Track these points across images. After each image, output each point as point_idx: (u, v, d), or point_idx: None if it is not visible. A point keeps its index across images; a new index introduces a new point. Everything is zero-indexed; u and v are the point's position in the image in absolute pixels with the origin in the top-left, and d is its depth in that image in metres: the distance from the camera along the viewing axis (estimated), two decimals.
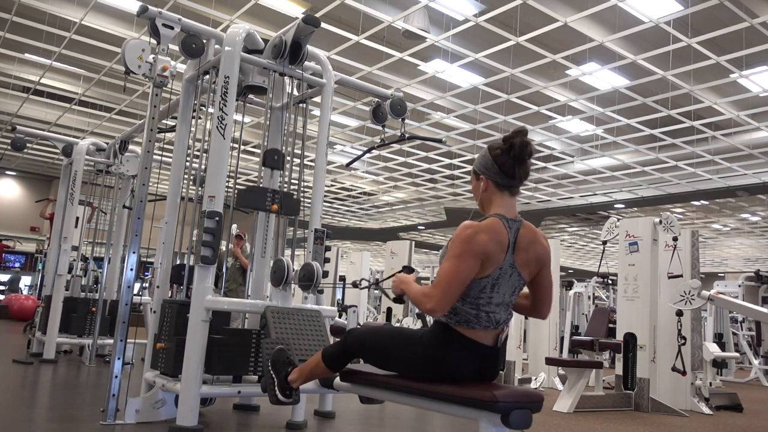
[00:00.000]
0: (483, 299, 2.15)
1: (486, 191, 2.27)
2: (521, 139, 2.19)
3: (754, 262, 26.93)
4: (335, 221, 23.51)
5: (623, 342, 5.93)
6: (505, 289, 2.19)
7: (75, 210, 6.61)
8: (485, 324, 2.16)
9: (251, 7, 7.74)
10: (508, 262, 2.16)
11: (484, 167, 2.26)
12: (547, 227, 21.37)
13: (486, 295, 2.15)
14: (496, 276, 2.15)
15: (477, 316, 2.15)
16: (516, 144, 2.18)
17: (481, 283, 2.14)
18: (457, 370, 2.17)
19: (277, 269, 3.50)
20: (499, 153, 2.22)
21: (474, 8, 7.74)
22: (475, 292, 2.15)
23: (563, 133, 12.14)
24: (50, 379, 5.06)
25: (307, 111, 4.30)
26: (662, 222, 6.02)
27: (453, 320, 2.18)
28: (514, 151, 2.19)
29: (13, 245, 17.08)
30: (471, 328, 2.16)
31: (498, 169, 2.22)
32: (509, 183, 2.24)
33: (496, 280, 2.15)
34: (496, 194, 2.25)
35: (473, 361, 2.18)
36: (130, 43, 3.72)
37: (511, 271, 2.17)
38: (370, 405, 4.19)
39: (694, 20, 7.56)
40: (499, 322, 2.19)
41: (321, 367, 2.48)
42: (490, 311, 2.16)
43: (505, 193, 2.25)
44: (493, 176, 2.24)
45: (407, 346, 2.26)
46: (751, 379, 10.13)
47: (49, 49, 9.46)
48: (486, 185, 2.27)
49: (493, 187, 2.25)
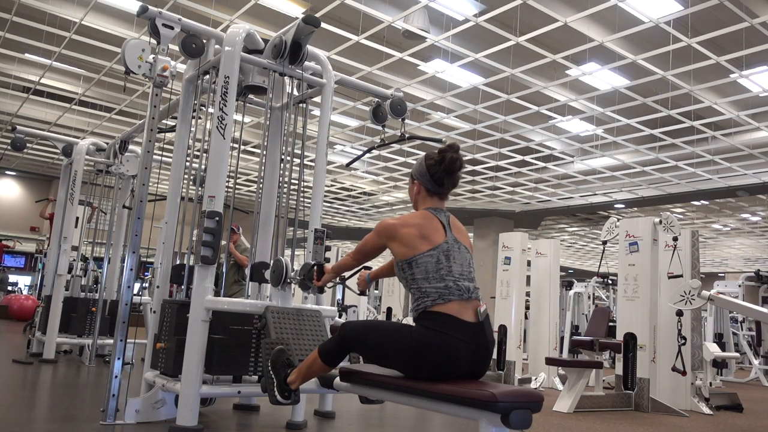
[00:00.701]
0: (443, 270, 2.35)
1: (418, 194, 2.59)
2: (452, 155, 2.49)
3: (754, 262, 26.93)
4: (335, 221, 23.51)
5: (623, 342, 5.94)
6: (461, 260, 2.42)
7: (75, 210, 6.61)
8: (457, 293, 2.32)
9: (251, 7, 7.74)
10: (451, 238, 2.45)
11: (419, 174, 2.57)
12: (547, 227, 21.37)
13: (444, 266, 2.37)
14: (445, 249, 2.40)
15: (446, 287, 2.32)
16: (447, 158, 2.49)
17: (433, 257, 2.38)
18: (448, 354, 2.22)
19: (276, 269, 3.50)
20: (432, 163, 2.52)
21: (474, 8, 7.74)
22: (432, 267, 2.36)
23: (563, 133, 12.13)
24: (50, 379, 5.06)
25: (307, 111, 4.30)
26: (662, 222, 6.02)
27: (428, 301, 2.32)
28: (444, 164, 2.49)
29: (13, 245, 17.08)
30: (446, 301, 2.30)
31: (429, 177, 2.53)
32: (438, 190, 2.55)
33: (447, 252, 2.40)
34: (426, 198, 2.57)
35: (463, 340, 2.24)
36: (130, 43, 3.72)
37: (457, 245, 2.45)
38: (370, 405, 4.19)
39: (694, 20, 7.56)
40: (470, 290, 2.36)
41: (318, 363, 2.53)
42: (455, 279, 2.35)
43: (434, 197, 2.56)
44: (425, 183, 2.55)
45: (399, 337, 2.34)
46: (751, 379, 10.13)
47: (49, 49, 9.46)
48: (419, 189, 2.58)
49: (424, 192, 2.57)
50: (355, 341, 2.48)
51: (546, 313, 7.57)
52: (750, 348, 10.70)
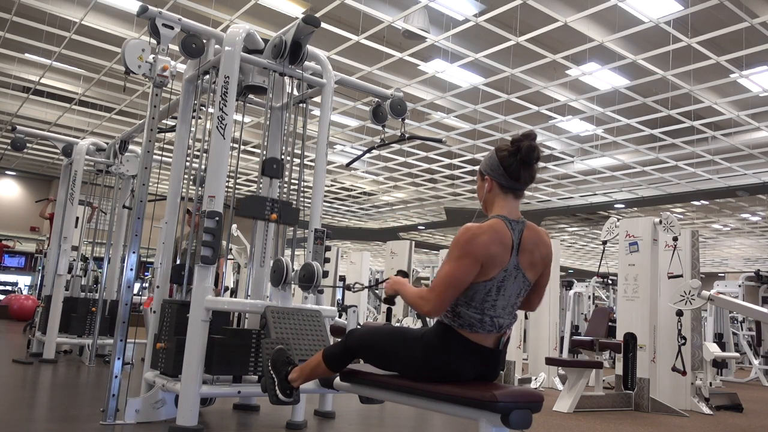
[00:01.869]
0: (488, 303, 2.15)
1: (490, 192, 2.27)
2: (529, 143, 2.19)
3: (754, 262, 26.93)
4: (335, 221, 23.51)
5: (623, 342, 5.93)
6: (511, 292, 2.18)
7: (75, 210, 6.61)
8: (489, 328, 2.16)
9: (251, 7, 7.74)
10: (513, 263, 2.16)
11: (490, 168, 2.26)
12: (547, 227, 21.37)
13: (491, 298, 2.15)
14: (501, 278, 2.15)
15: (481, 321, 2.15)
16: (523, 147, 2.18)
17: (486, 287, 2.14)
18: (458, 372, 2.18)
19: (276, 269, 3.50)
20: (506, 155, 2.22)
21: (474, 8, 7.74)
22: (480, 296, 2.14)
23: (563, 133, 12.14)
24: (50, 379, 5.06)
25: (307, 111, 4.30)
26: (662, 222, 6.02)
27: (456, 323, 2.18)
28: (520, 154, 2.19)
29: (13, 245, 17.08)
30: (474, 332, 2.16)
31: (503, 171, 2.22)
32: (514, 185, 2.24)
33: (501, 283, 2.15)
34: (499, 196, 2.26)
35: (474, 363, 2.18)
36: (130, 43, 3.72)
37: (515, 273, 2.17)
38: (370, 405, 4.19)
39: (694, 20, 7.56)
40: (503, 326, 2.20)
41: (322, 367, 2.49)
42: (494, 315, 2.16)
43: (509, 195, 2.25)
44: (498, 178, 2.24)
45: (408, 346, 2.26)
46: (751, 379, 10.13)
47: (49, 49, 9.46)
48: (491, 186, 2.27)
49: (497, 189, 2.26)
50: (362, 349, 2.41)
51: (546, 313, 7.57)
52: (750, 348, 10.70)
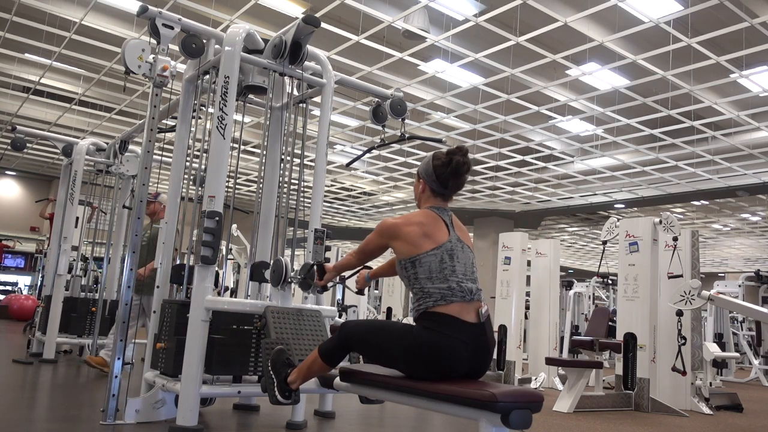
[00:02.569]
0: (447, 270, 2.34)
1: (423, 193, 2.58)
2: (459, 158, 2.48)
3: (754, 262, 26.93)
4: (335, 221, 23.50)
5: (623, 342, 5.94)
6: (464, 260, 2.41)
7: (75, 210, 6.61)
8: (459, 294, 2.31)
9: (251, 7, 7.74)
10: (455, 237, 2.44)
11: (425, 173, 2.55)
12: (547, 227, 21.37)
13: (448, 265, 2.35)
14: (449, 248, 2.39)
15: (449, 288, 2.31)
16: (454, 161, 2.48)
17: (436, 255, 2.36)
18: (449, 352, 2.23)
19: (275, 269, 3.50)
20: (439, 164, 2.50)
21: (474, 8, 7.73)
22: (436, 266, 2.35)
23: (563, 133, 12.13)
24: (50, 379, 5.06)
25: (307, 111, 4.30)
26: (662, 222, 6.02)
27: (430, 302, 2.32)
28: (451, 167, 2.48)
29: (13, 245, 17.08)
30: (448, 302, 2.29)
31: (435, 178, 2.51)
32: (443, 191, 2.54)
33: (451, 251, 2.39)
34: (430, 198, 2.55)
35: (464, 341, 2.25)
36: (130, 43, 3.72)
37: (460, 245, 2.44)
38: (370, 405, 4.19)
39: (694, 20, 7.56)
40: (472, 291, 2.35)
41: (318, 362, 2.53)
42: (458, 281, 2.34)
43: (438, 198, 2.55)
44: (430, 183, 2.54)
45: (400, 337, 2.34)
46: (751, 379, 10.13)
47: (49, 49, 9.46)
48: (423, 188, 2.57)
49: (428, 191, 2.56)
50: (355, 340, 2.48)
51: (546, 313, 7.57)
52: (750, 348, 10.70)
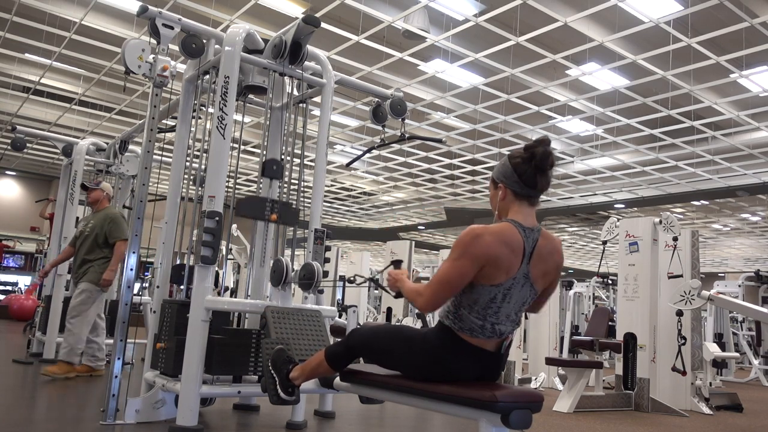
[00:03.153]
0: (491, 309, 2.12)
1: (504, 200, 2.23)
2: (543, 149, 2.15)
3: (754, 262, 26.93)
4: (335, 221, 23.51)
5: (623, 342, 5.93)
6: (516, 300, 2.15)
7: (75, 210, 6.61)
8: (489, 335, 2.15)
9: (251, 7, 7.74)
10: (522, 272, 2.12)
11: (504, 175, 2.21)
12: (547, 227, 21.37)
13: (495, 305, 2.12)
14: (508, 286, 2.12)
15: (482, 327, 2.13)
16: (537, 154, 2.15)
17: (491, 292, 2.11)
18: (458, 372, 2.18)
19: (276, 269, 3.50)
20: (520, 162, 2.18)
21: (474, 8, 7.74)
22: (484, 301, 2.12)
23: (563, 133, 12.14)
24: (50, 379, 5.06)
25: (307, 111, 4.30)
26: (662, 222, 6.02)
27: (457, 326, 2.16)
28: (535, 161, 2.15)
29: (13, 245, 17.08)
30: (474, 336, 2.15)
31: (518, 178, 2.17)
32: (529, 192, 2.19)
33: (508, 290, 2.12)
34: (514, 203, 2.21)
35: (475, 365, 2.18)
36: (130, 43, 3.72)
37: (523, 281, 2.14)
38: (370, 405, 4.19)
39: (694, 20, 7.56)
40: (503, 333, 2.18)
41: (324, 366, 2.49)
42: (495, 322, 2.14)
43: (524, 202, 2.20)
44: (512, 185, 2.19)
45: (410, 345, 2.25)
46: (751, 379, 10.13)
47: (49, 49, 9.46)
48: (504, 194, 2.22)
49: (511, 196, 2.21)
50: (364, 348, 2.41)
51: (546, 313, 7.57)
52: (750, 348, 10.70)
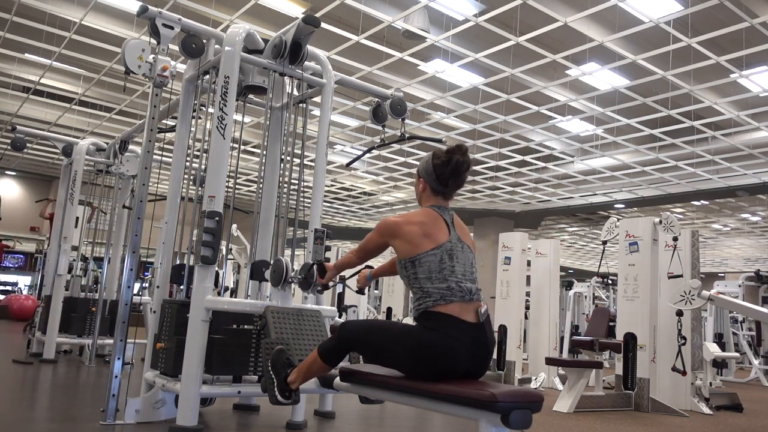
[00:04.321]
0: (446, 270, 2.34)
1: (423, 192, 2.57)
2: (459, 157, 2.47)
3: (754, 262, 26.93)
4: (335, 221, 23.50)
5: (623, 342, 5.94)
6: (463, 260, 2.40)
7: (75, 210, 6.61)
8: (459, 294, 2.31)
9: (251, 7, 7.74)
10: (455, 236, 2.43)
11: (425, 172, 2.54)
12: (547, 227, 21.37)
13: (447, 265, 2.35)
14: (449, 248, 2.39)
15: (448, 288, 2.31)
16: (453, 160, 2.46)
17: (436, 255, 2.36)
18: (449, 352, 2.22)
19: (275, 269, 3.50)
20: (439, 163, 2.49)
21: (474, 8, 7.74)
22: (434, 266, 2.34)
23: (563, 133, 12.13)
24: (50, 379, 5.06)
25: (307, 111, 4.30)
26: (662, 222, 6.02)
27: (430, 302, 2.32)
28: (450, 166, 2.47)
29: (13, 245, 17.08)
30: (448, 302, 2.29)
31: (435, 177, 2.50)
32: (443, 190, 2.52)
33: (450, 251, 2.38)
34: (431, 196, 2.54)
35: (463, 340, 2.25)
36: (130, 43, 3.72)
37: (461, 245, 2.43)
38: (370, 405, 4.18)
39: (694, 20, 7.56)
40: (471, 291, 2.35)
41: (318, 362, 2.53)
42: (457, 280, 2.34)
43: (439, 197, 2.53)
44: (430, 182, 2.53)
45: (400, 337, 2.34)
46: (751, 379, 10.13)
47: (49, 49, 9.46)
48: (424, 187, 2.56)
49: (429, 190, 2.54)
50: (355, 341, 2.48)
51: (546, 313, 7.57)
52: (750, 348, 10.70)
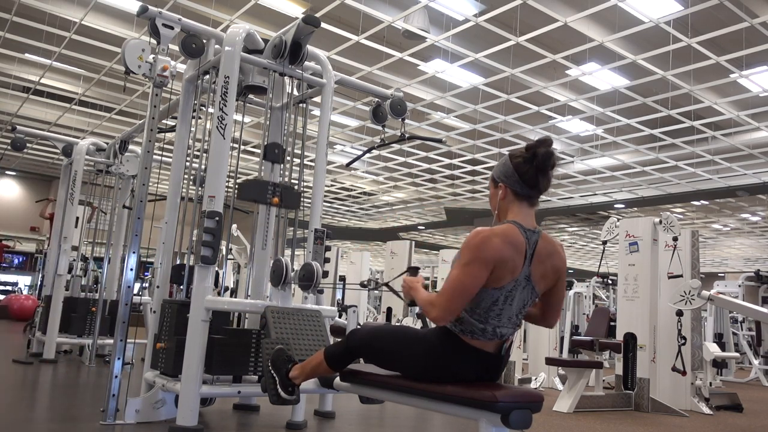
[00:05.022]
0: (494, 312, 2.12)
1: (504, 200, 2.22)
2: (545, 150, 2.14)
3: (754, 262, 26.94)
4: (335, 221, 23.50)
5: (623, 342, 5.93)
6: (517, 303, 2.15)
7: (75, 210, 6.61)
8: (490, 337, 2.14)
9: (251, 7, 7.74)
10: (524, 274, 2.12)
11: (504, 175, 2.20)
12: (547, 227, 21.36)
13: (498, 308, 2.11)
14: (511, 288, 2.11)
15: (483, 329, 2.12)
16: (539, 154, 2.13)
17: (494, 295, 2.10)
18: (459, 375, 2.17)
19: (276, 269, 3.50)
20: (521, 162, 2.17)
21: (474, 8, 7.74)
22: (486, 304, 2.11)
23: (563, 133, 12.14)
24: (50, 379, 5.06)
25: (307, 111, 4.30)
26: (662, 222, 6.02)
27: (457, 328, 2.15)
28: (536, 161, 2.14)
29: (13, 245, 17.09)
30: (475, 338, 2.14)
31: (518, 178, 2.16)
32: (529, 193, 2.18)
33: (510, 293, 2.11)
34: (514, 203, 2.20)
35: (476, 367, 2.17)
36: (130, 43, 3.72)
37: (525, 283, 2.14)
38: (370, 405, 4.19)
39: (694, 20, 7.56)
40: (504, 335, 2.17)
41: (323, 366, 2.48)
42: (497, 325, 2.13)
43: (524, 203, 2.19)
44: (512, 185, 2.18)
45: (410, 347, 2.24)
46: (751, 379, 10.13)
47: (49, 49, 9.46)
48: (504, 193, 2.21)
49: (511, 196, 2.20)
50: (363, 350, 2.39)
51: None
52: (750, 348, 10.70)
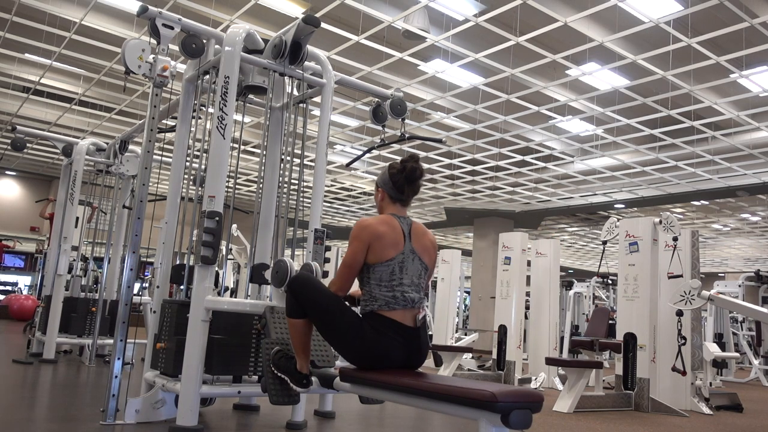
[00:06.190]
0: (395, 281, 2.60)
1: (382, 201, 2.84)
2: (412, 164, 2.76)
3: (754, 262, 26.93)
4: (335, 221, 23.50)
5: (623, 342, 5.94)
6: (412, 272, 2.66)
7: (75, 210, 6.61)
8: (402, 303, 2.59)
9: (251, 7, 7.74)
10: (408, 248, 2.67)
11: (383, 182, 2.82)
12: (547, 227, 21.37)
13: (397, 277, 2.61)
14: (400, 260, 2.64)
15: (393, 297, 2.59)
16: (408, 167, 2.76)
17: (389, 267, 2.61)
18: (386, 350, 2.51)
19: (278, 270, 3.49)
20: (395, 172, 2.78)
21: (474, 8, 7.73)
22: (386, 277, 2.61)
23: (563, 133, 12.13)
24: (50, 379, 5.06)
25: (307, 111, 4.30)
26: (662, 222, 6.02)
27: (376, 305, 2.59)
28: (405, 173, 2.76)
29: (13, 245, 17.09)
30: (391, 309, 2.57)
31: (392, 185, 2.78)
32: (400, 197, 2.80)
33: (401, 264, 2.64)
34: (389, 204, 2.81)
35: (399, 342, 2.54)
36: (130, 43, 3.72)
37: (412, 256, 2.68)
38: (370, 405, 4.19)
39: (694, 20, 7.56)
40: (414, 301, 2.62)
41: (294, 328, 2.69)
42: (403, 291, 2.60)
43: (397, 203, 2.81)
44: (388, 190, 2.81)
45: (348, 323, 2.56)
46: (751, 379, 10.13)
47: (49, 49, 9.46)
48: (382, 196, 2.83)
49: (387, 199, 2.82)
50: (307, 297, 2.65)
51: (546, 313, 7.57)
52: (750, 348, 10.70)
